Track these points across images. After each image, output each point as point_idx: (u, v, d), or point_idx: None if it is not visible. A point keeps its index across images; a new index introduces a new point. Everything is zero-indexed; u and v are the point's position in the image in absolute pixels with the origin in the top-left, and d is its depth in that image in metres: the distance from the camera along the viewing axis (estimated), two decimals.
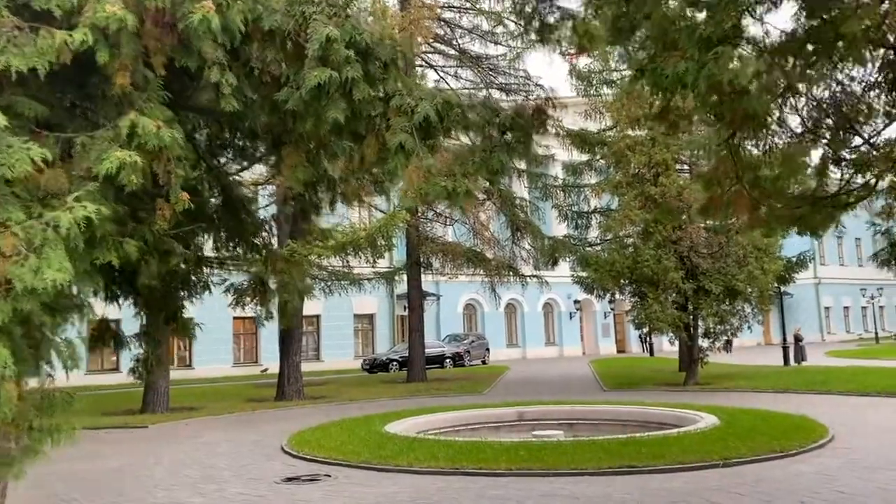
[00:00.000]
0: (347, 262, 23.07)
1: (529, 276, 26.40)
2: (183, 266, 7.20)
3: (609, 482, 7.81)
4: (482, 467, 8.44)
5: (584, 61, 26.40)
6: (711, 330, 19.52)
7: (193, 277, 8.26)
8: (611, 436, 10.25)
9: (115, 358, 30.22)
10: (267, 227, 11.23)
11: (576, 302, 44.86)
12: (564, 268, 29.01)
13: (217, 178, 7.83)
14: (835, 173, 7.98)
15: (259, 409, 17.97)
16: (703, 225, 18.74)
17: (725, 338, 19.56)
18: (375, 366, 32.53)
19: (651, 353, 39.29)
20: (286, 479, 8.57)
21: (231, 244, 8.54)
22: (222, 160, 8.56)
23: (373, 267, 26.53)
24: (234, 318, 33.98)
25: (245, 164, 9.25)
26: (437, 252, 24.67)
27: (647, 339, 38.00)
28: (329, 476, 8.66)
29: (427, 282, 38.11)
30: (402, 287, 31.89)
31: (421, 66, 26.86)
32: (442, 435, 13.00)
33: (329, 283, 26.58)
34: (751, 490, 7.34)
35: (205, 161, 7.42)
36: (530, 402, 15.78)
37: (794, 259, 25.10)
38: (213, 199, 7.98)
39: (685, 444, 9.20)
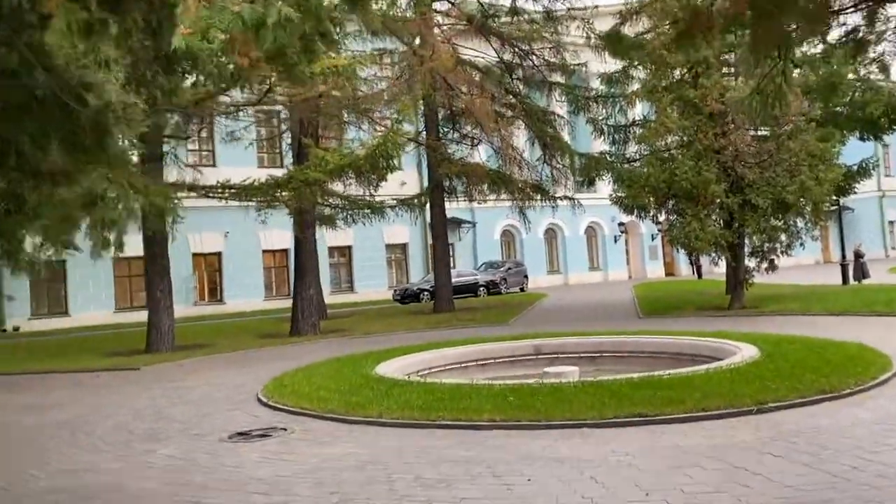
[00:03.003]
0: (369, 188, 21.77)
1: (560, 197, 24.56)
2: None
3: (610, 437, 6.35)
4: (460, 419, 7.06)
5: None
6: (759, 248, 17.56)
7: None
8: (626, 375, 8.72)
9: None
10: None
11: (620, 224, 42.72)
12: (607, 188, 27.05)
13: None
14: None
15: (268, 345, 17.02)
16: (749, 129, 16.61)
17: (772, 258, 17.56)
18: (407, 296, 31.46)
19: (699, 275, 37.26)
20: (235, 435, 7.37)
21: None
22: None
23: (393, 192, 25.16)
24: (264, 250, 33.31)
25: None
26: (458, 174, 22.94)
27: (696, 260, 35.95)
28: (285, 430, 7.43)
29: (460, 208, 36.58)
30: None
31: None
32: (446, 373, 11.74)
33: (350, 213, 25.28)
34: (788, 446, 5.78)
35: None
36: (551, 333, 14.31)
37: (855, 167, 22.58)
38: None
39: (713, 385, 7.63)
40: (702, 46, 8.58)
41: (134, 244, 13.01)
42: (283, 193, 15.95)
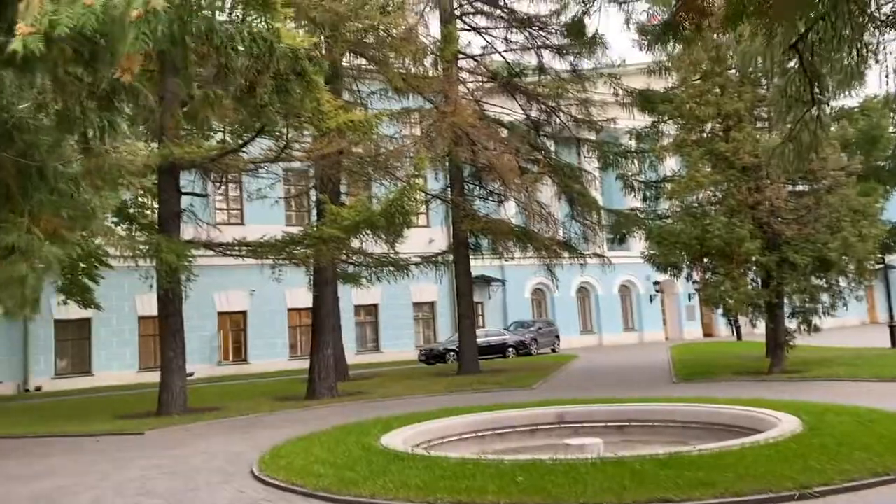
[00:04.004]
0: (392, 246, 21.34)
1: (589, 255, 23.81)
2: None
3: None
4: (461, 501, 6.29)
5: (643, 12, 23.61)
6: (799, 309, 16.53)
7: None
8: (651, 451, 7.85)
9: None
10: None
11: (655, 283, 41.51)
12: (639, 246, 26.25)
13: None
14: None
15: (281, 409, 16.34)
16: (786, 184, 15.85)
17: (816, 317, 16.51)
18: (432, 356, 30.61)
19: (738, 336, 35.79)
20: None
21: None
22: None
23: (420, 250, 24.72)
24: (290, 309, 32.89)
25: None
26: (482, 230, 22.39)
27: (734, 321, 34.60)
28: None
29: (490, 266, 36.03)
30: None
31: (464, 29, 24.67)
32: (461, 443, 10.95)
33: (374, 270, 24.84)
34: None
35: None
36: (578, 399, 13.43)
37: None
38: None
39: (748, 464, 6.76)
40: (696, 41, 7.95)
41: None
42: (300, 250, 15.53)
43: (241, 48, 4.13)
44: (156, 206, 17.89)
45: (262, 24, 4.54)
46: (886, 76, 6.04)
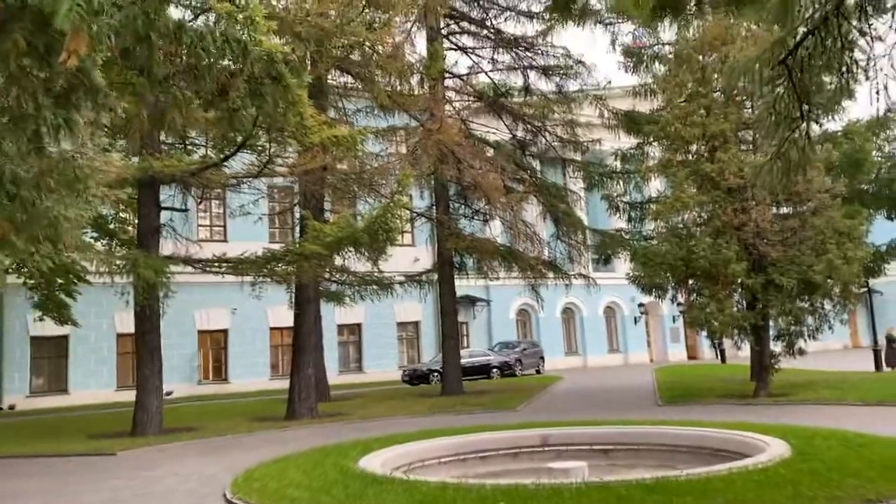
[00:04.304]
0: (376, 264, 21.10)
1: (574, 275, 23.68)
2: None
3: None
4: None
5: (629, 34, 23.74)
6: (784, 331, 16.43)
7: None
8: (637, 475, 7.62)
9: None
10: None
11: (640, 305, 41.55)
12: (624, 267, 26.21)
13: None
14: None
15: (259, 429, 15.96)
16: (771, 205, 15.82)
17: (801, 340, 16.41)
18: (416, 377, 30.28)
19: (723, 359, 35.74)
20: None
21: None
22: None
23: (405, 268, 24.44)
24: (272, 328, 32.45)
25: None
26: (466, 249, 22.22)
27: (719, 343, 34.51)
28: None
29: (475, 286, 35.82)
30: None
31: (451, 49, 24.66)
32: (441, 467, 10.67)
33: (358, 289, 24.57)
34: None
35: None
36: (562, 422, 13.18)
37: (884, 247, 21.57)
38: None
39: (737, 490, 6.55)
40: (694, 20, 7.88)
41: None
42: (281, 267, 15.26)
43: (212, 49, 3.94)
44: (137, 221, 17.58)
45: (237, 26, 4.38)
46: (877, 92, 5.94)
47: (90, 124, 4.86)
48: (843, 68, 6.11)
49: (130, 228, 18.98)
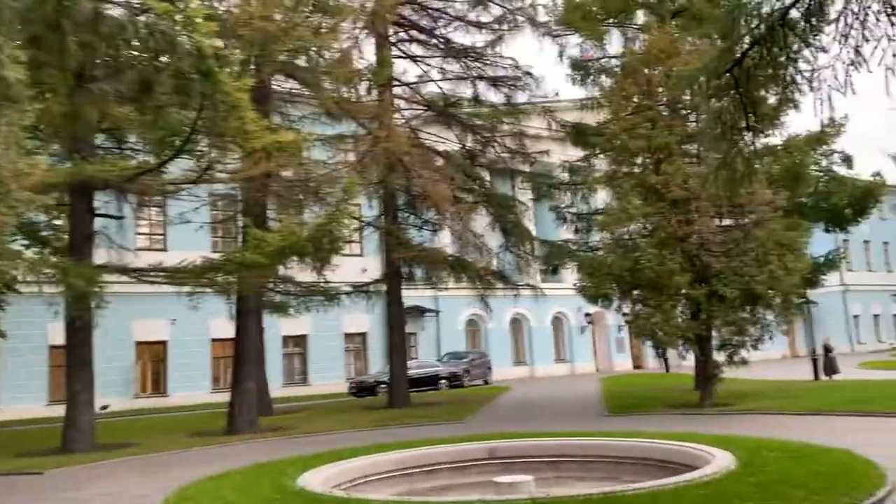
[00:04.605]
0: (320, 273, 20.66)
1: (522, 285, 23.66)
2: None
3: None
4: None
5: (576, 46, 23.99)
6: (727, 341, 16.64)
7: None
8: (584, 490, 7.47)
9: None
10: None
11: (587, 315, 41.95)
12: (572, 278, 26.30)
13: None
14: None
15: (197, 445, 15.36)
16: (714, 217, 16.03)
17: (744, 350, 16.63)
18: (362, 389, 29.82)
19: (667, 369, 36.21)
20: None
21: None
22: None
23: (354, 279, 24.04)
24: (213, 339, 31.53)
25: None
26: (414, 259, 21.99)
27: (663, 353, 34.97)
28: None
29: (424, 296, 35.57)
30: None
31: (399, 57, 24.46)
32: (385, 482, 10.37)
33: (303, 300, 24.08)
34: None
35: None
36: (510, 433, 13.02)
37: (822, 259, 22.16)
38: None
39: None
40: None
41: None
42: (221, 277, 14.75)
43: (134, 41, 3.64)
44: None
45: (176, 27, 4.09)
46: (821, 103, 5.94)
47: (10, 125, 4.49)
48: (789, 79, 6.11)
49: (66, 236, 18.19)
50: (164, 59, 3.93)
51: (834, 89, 5.96)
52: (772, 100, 6.54)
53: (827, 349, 25.75)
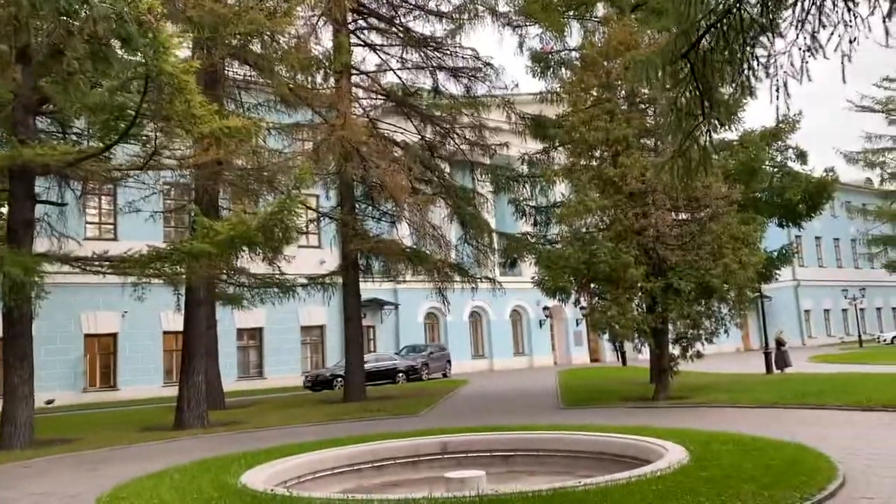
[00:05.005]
0: (277, 265, 20.20)
1: (480, 278, 23.48)
2: None
3: None
4: None
5: (536, 37, 23.83)
6: (683, 334, 16.68)
7: None
8: (534, 486, 7.27)
9: None
10: None
11: (545, 308, 42.12)
12: (531, 271, 26.20)
13: None
14: None
15: (142, 440, 14.84)
16: (670, 209, 16.02)
17: (699, 344, 16.70)
18: (318, 383, 29.42)
19: (623, 362, 36.50)
20: None
21: None
22: None
23: (311, 271, 23.56)
24: (165, 332, 30.78)
25: None
26: (371, 250, 21.63)
27: (620, 346, 35.17)
28: None
29: (383, 289, 35.20)
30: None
31: (358, 45, 24.03)
32: (335, 478, 10.08)
33: (258, 291, 23.58)
34: None
35: None
36: (463, 428, 12.83)
37: (776, 253, 22.42)
38: None
39: (636, 501, 6.29)
40: None
41: None
42: (168, 267, 14.23)
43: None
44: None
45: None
46: (777, 90, 5.80)
47: None
48: (745, 65, 5.96)
49: (3, 223, 17.42)
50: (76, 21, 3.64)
51: (790, 76, 5.85)
52: (728, 87, 6.36)
53: (779, 343, 26.14)
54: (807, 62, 5.71)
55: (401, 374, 31.23)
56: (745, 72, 5.94)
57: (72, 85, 4.09)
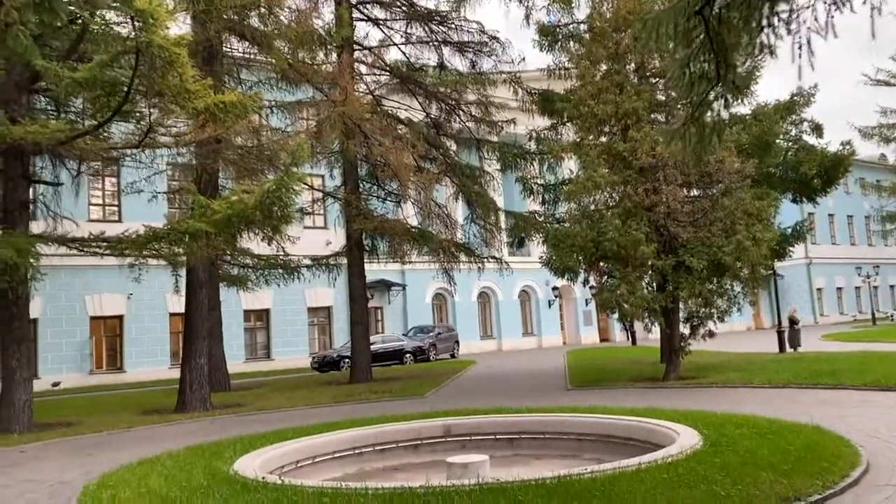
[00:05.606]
0: (281, 246, 19.85)
1: (487, 258, 23.08)
2: None
3: None
4: None
5: (543, 9, 23.20)
6: (694, 313, 16.24)
7: None
8: (539, 472, 6.91)
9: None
10: None
11: (554, 289, 41.70)
12: (539, 251, 25.69)
13: None
14: None
15: (142, 424, 14.60)
16: (681, 185, 15.53)
17: (711, 323, 16.27)
18: (325, 364, 29.21)
19: (633, 341, 36.11)
20: None
21: None
22: None
23: (318, 252, 23.17)
24: (171, 313, 30.58)
25: None
26: (375, 230, 21.24)
27: (630, 326, 34.78)
28: None
29: (391, 270, 34.89)
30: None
31: (360, 19, 23.49)
32: (335, 462, 9.78)
33: (263, 273, 23.31)
34: None
35: None
36: (468, 410, 12.49)
37: (790, 230, 21.87)
38: None
39: (646, 490, 5.91)
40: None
41: None
42: (167, 247, 13.90)
43: None
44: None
45: None
46: (799, 47, 5.33)
47: None
48: (764, 21, 5.49)
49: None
50: None
51: (814, 31, 5.37)
52: (745, 48, 5.88)
53: (793, 321, 25.67)
54: (832, 16, 5.24)
55: (408, 355, 31.01)
56: (765, 28, 5.46)
57: (10, 37, 3.71)
